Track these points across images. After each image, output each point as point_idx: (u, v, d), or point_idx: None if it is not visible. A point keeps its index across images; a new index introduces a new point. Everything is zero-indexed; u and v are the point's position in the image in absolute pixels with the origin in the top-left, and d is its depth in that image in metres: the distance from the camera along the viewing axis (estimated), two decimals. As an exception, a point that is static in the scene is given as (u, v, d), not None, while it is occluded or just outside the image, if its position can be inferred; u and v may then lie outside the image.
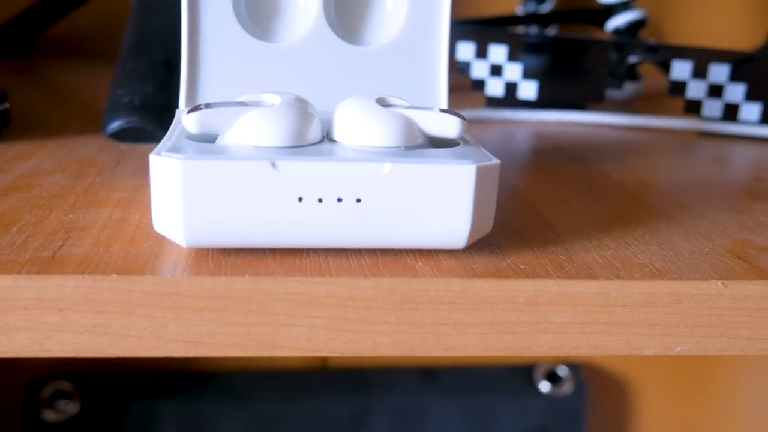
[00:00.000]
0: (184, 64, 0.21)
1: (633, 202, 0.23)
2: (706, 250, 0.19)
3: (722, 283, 0.17)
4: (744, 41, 0.51)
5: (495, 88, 0.35)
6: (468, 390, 0.53)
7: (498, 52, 0.34)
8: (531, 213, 0.21)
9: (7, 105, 0.26)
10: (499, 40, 0.34)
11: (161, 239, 0.18)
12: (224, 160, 0.15)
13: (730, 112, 0.32)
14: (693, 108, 0.32)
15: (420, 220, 0.16)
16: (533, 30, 0.44)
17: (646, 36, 0.50)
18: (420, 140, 0.17)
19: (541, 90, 0.34)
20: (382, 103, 0.18)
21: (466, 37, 0.35)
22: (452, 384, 0.53)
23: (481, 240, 0.19)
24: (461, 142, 0.18)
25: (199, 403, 0.50)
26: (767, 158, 0.29)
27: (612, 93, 0.39)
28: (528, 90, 0.34)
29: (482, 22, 0.39)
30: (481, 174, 0.16)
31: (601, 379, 0.57)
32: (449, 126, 0.17)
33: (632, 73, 0.39)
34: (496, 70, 0.34)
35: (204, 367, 0.53)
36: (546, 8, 0.43)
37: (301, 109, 0.17)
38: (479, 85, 0.35)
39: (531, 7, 0.43)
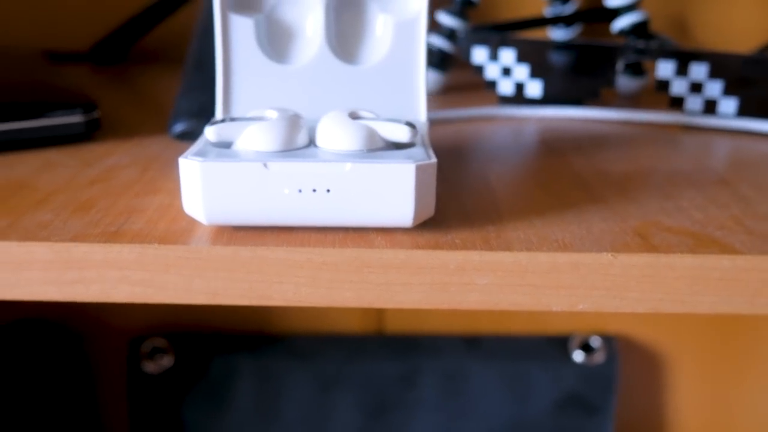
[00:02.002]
0: (219, 82, 0.26)
1: (580, 189, 0.27)
2: (616, 229, 0.23)
3: (612, 255, 0.21)
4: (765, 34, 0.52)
5: (506, 87, 0.39)
6: (507, 356, 0.57)
7: (508, 55, 0.38)
8: (487, 198, 0.26)
9: (98, 114, 0.33)
10: (508, 44, 0.38)
11: (194, 219, 0.23)
12: (230, 161, 0.21)
13: (710, 107, 0.35)
14: (676, 103, 0.35)
15: (375, 205, 0.21)
16: (560, 30, 0.47)
17: (667, 31, 0.52)
18: (380, 144, 0.22)
19: (546, 88, 0.38)
20: (353, 116, 0.23)
21: (480, 42, 0.39)
22: (493, 350, 0.57)
23: (435, 220, 0.23)
24: (416, 144, 0.23)
25: (270, 361, 0.57)
26: (730, 149, 0.32)
27: (621, 87, 0.42)
28: (534, 89, 0.38)
29: (500, 26, 0.43)
30: (420, 171, 0.21)
31: (635, 350, 0.60)
32: (401, 133, 0.22)
33: (638, 69, 0.42)
34: (506, 71, 0.39)
35: (275, 329, 0.59)
36: (569, 9, 0.46)
37: (291, 122, 0.22)
38: (492, 85, 0.39)
39: (557, 9, 0.47)
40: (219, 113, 0.27)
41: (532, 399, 0.57)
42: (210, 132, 0.22)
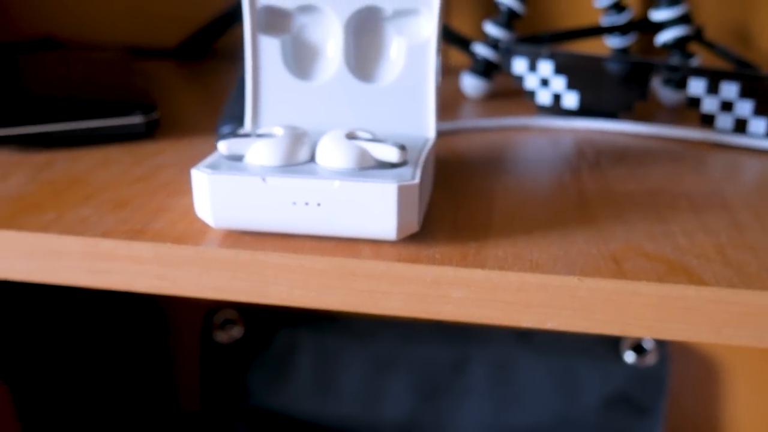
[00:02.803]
0: (249, 96, 0.28)
1: (578, 208, 0.27)
2: (594, 251, 0.23)
3: (578, 279, 0.22)
4: None
5: (543, 97, 0.39)
6: (557, 352, 0.57)
7: (546, 67, 0.38)
8: (483, 213, 0.26)
9: (157, 115, 0.35)
10: (546, 56, 0.38)
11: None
12: (235, 174, 0.23)
13: (740, 126, 0.34)
14: (707, 121, 0.35)
15: (361, 220, 0.23)
16: (616, 38, 0.46)
17: (729, 39, 0.50)
18: (372, 163, 0.24)
19: (582, 100, 0.38)
20: (350, 136, 0.24)
21: (520, 53, 0.39)
22: (543, 345, 0.58)
23: (424, 232, 0.24)
24: (407, 163, 0.24)
25: (329, 340, 0.59)
26: (753, 171, 0.31)
27: (663, 99, 0.41)
28: (570, 100, 0.38)
29: (548, 37, 0.43)
30: (402, 191, 0.22)
31: (689, 354, 0.58)
32: (391, 154, 0.24)
33: (680, 82, 0.41)
34: (544, 82, 0.39)
35: (336, 309, 0.62)
36: (624, 18, 0.45)
37: (294, 139, 0.24)
38: (531, 95, 0.39)
39: (613, 18, 0.46)
40: (248, 124, 0.29)
41: (581, 396, 0.57)
42: (222, 146, 0.24)
